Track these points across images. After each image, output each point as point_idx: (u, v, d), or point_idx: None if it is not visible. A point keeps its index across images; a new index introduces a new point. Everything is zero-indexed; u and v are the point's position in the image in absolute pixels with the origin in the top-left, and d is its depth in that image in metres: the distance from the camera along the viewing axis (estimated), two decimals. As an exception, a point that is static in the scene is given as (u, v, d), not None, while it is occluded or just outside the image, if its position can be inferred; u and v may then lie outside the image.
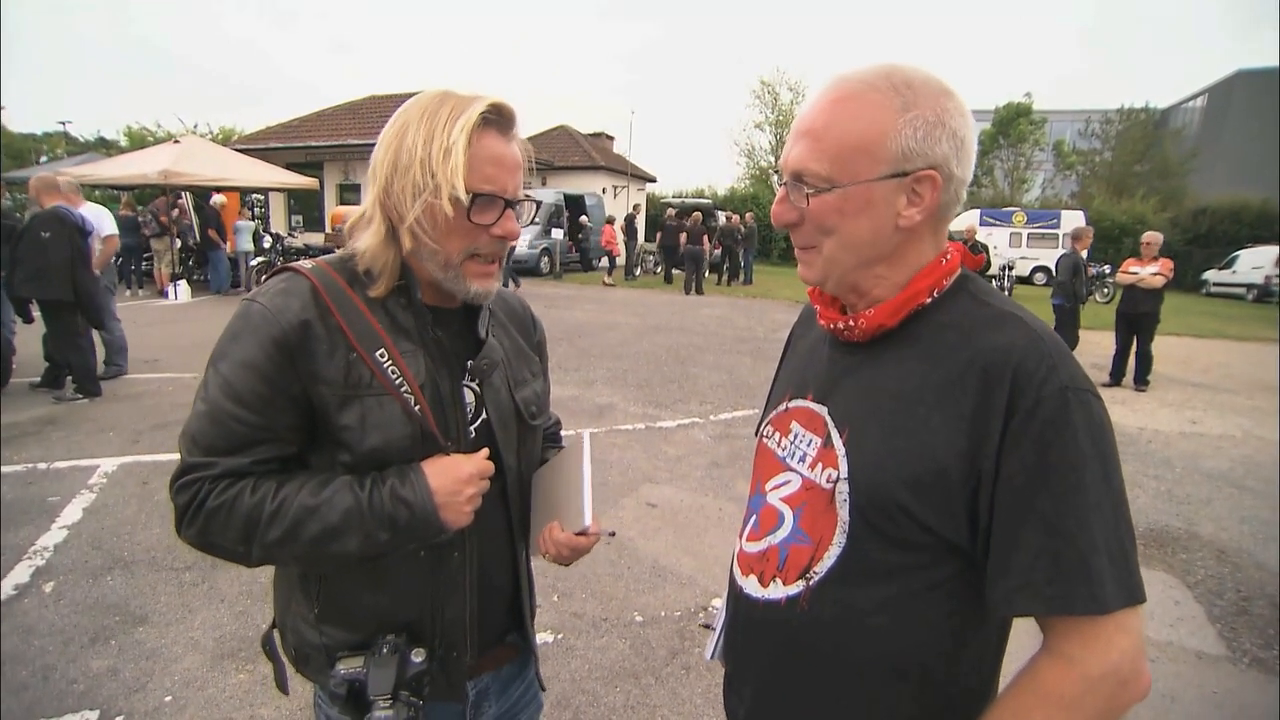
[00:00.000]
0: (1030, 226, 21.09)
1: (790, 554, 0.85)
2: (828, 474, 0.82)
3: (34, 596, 2.84)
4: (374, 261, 0.92)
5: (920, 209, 0.79)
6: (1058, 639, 0.72)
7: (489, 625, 1.03)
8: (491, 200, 0.90)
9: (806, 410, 0.90)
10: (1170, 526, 4.00)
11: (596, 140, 26.58)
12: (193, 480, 0.86)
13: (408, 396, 0.90)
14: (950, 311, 0.81)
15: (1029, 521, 0.70)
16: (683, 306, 13.05)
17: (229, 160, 13.41)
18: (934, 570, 0.78)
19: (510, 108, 0.92)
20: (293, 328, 0.87)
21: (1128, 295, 7.44)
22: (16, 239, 5.34)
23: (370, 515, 0.86)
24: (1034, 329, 0.76)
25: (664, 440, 5.16)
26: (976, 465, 0.73)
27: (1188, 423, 6.30)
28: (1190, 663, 2.73)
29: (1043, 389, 0.70)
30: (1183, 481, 4.76)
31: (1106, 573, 0.68)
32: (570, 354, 8.01)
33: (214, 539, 0.87)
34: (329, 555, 0.88)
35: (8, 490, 3.84)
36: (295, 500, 0.86)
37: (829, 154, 0.78)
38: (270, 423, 0.87)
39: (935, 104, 0.77)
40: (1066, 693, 0.70)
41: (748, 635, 0.92)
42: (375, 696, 0.86)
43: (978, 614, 0.78)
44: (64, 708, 2.22)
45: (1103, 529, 0.69)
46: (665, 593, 3.07)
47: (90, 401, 5.52)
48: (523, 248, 16.98)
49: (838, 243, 0.81)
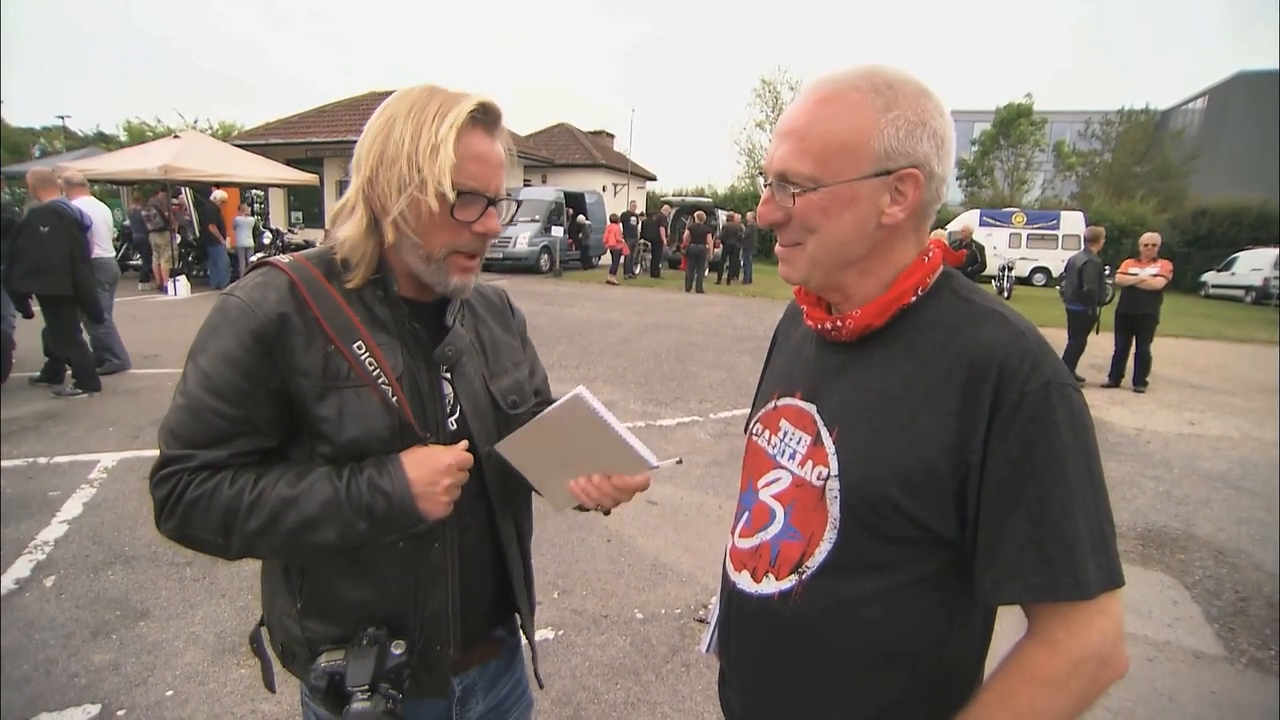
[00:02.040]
0: (1030, 227, 21.11)
1: (782, 549, 0.87)
2: (818, 471, 0.84)
3: (35, 591, 2.85)
4: (353, 251, 0.93)
5: (903, 207, 0.81)
6: (1042, 623, 0.75)
7: (473, 619, 1.03)
8: (475, 198, 0.91)
9: (795, 408, 0.91)
10: (1168, 527, 4.01)
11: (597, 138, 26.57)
12: (171, 473, 0.87)
13: (385, 388, 0.91)
14: (935, 310, 0.84)
15: (1015, 513, 0.73)
16: (683, 305, 13.05)
17: (229, 156, 13.36)
18: (923, 562, 0.80)
19: (497, 106, 0.93)
20: (270, 320, 0.87)
21: (1127, 296, 7.43)
22: (15, 233, 5.32)
23: (348, 506, 0.87)
24: (1017, 326, 0.78)
25: (664, 438, 5.16)
26: (963, 459, 0.75)
27: (1186, 424, 6.32)
28: (1188, 662, 2.74)
29: (1026, 384, 0.73)
30: (1181, 482, 4.77)
31: (1089, 559, 0.71)
32: (570, 352, 8.01)
33: (193, 531, 0.87)
34: (308, 546, 0.88)
35: (8, 485, 3.84)
36: (274, 491, 0.86)
37: (813, 154, 0.79)
38: (248, 415, 0.88)
39: (916, 104, 0.79)
40: (1052, 674, 0.73)
41: (741, 629, 0.94)
42: (353, 688, 0.86)
43: (965, 602, 0.80)
44: (66, 701, 2.23)
45: (1085, 518, 0.72)
46: (665, 590, 3.08)
47: (90, 397, 5.52)
48: (523, 245, 16.99)
49: (821, 241, 0.83)
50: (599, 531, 3.59)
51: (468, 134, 0.89)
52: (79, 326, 5.57)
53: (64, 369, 5.62)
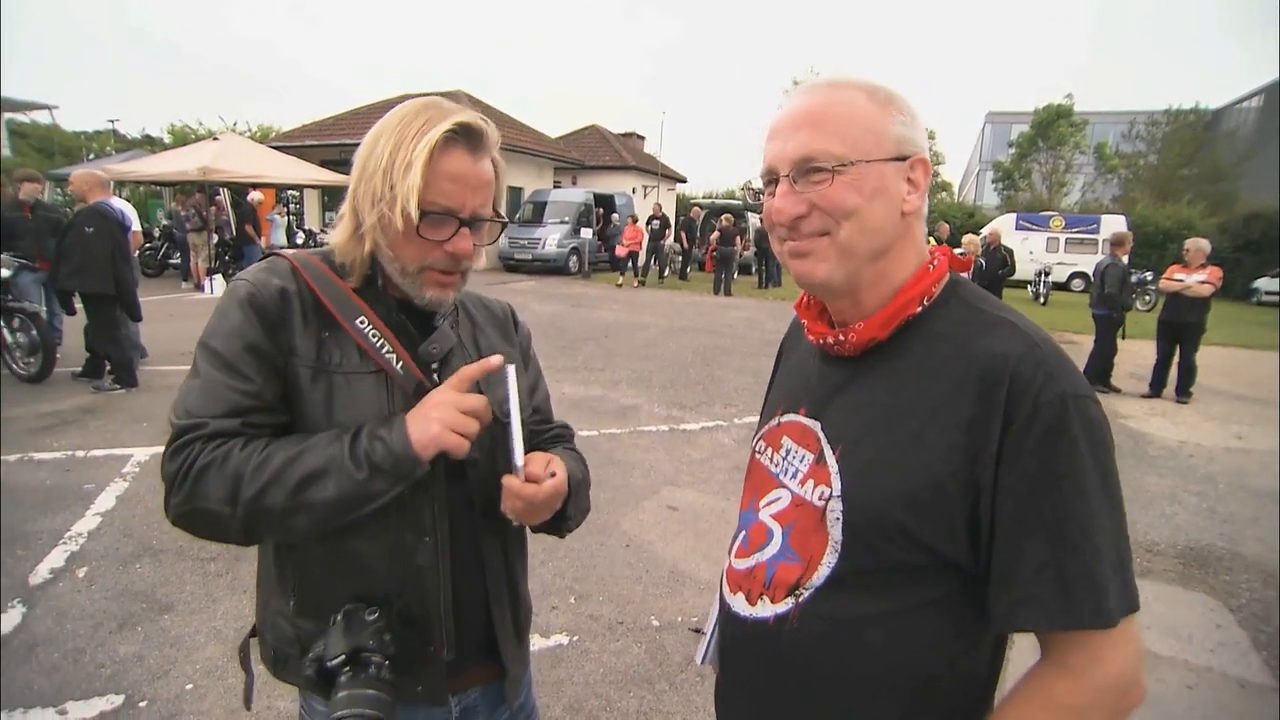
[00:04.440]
0: (1068, 231, 20.53)
1: (778, 571, 0.83)
2: (819, 491, 0.80)
3: (68, 581, 2.93)
4: (345, 256, 0.95)
5: (919, 195, 0.79)
6: (1061, 650, 0.71)
7: (466, 624, 0.99)
8: (444, 218, 0.90)
9: (799, 425, 0.88)
10: (1212, 546, 3.83)
11: (627, 140, 26.58)
12: (185, 443, 0.85)
13: (389, 355, 0.92)
14: (942, 320, 0.79)
15: (1031, 534, 0.69)
16: (711, 308, 12.98)
17: (265, 157, 13.70)
18: (930, 587, 0.76)
19: (481, 126, 0.91)
20: (273, 299, 0.90)
21: (1171, 303, 7.18)
22: (63, 234, 5.52)
23: (348, 457, 0.85)
24: (1029, 335, 0.74)
25: (687, 443, 5.12)
26: (975, 477, 0.71)
27: (1233, 437, 6.05)
28: (1231, 691, 2.60)
29: (1040, 397, 0.69)
30: (1226, 499, 4.57)
31: (1111, 584, 0.67)
32: (596, 354, 8.01)
33: (199, 503, 0.84)
34: (308, 506, 0.85)
35: (47, 476, 3.97)
36: (280, 451, 0.86)
37: (838, 134, 0.76)
38: (259, 390, 0.89)
39: (903, 104, 0.80)
40: (1074, 704, 0.70)
41: (735, 653, 0.91)
42: (332, 661, 0.83)
43: (975, 627, 0.76)
44: (91, 690, 2.28)
45: (1105, 539, 0.68)
46: (683, 598, 3.04)
47: (127, 392, 5.68)
48: (552, 247, 17.08)
49: (857, 226, 0.77)
50: (618, 536, 3.57)
51: (444, 153, 0.88)
52: (118, 323, 5.74)
53: (104, 365, 5.80)
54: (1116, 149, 31.66)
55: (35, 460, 4.21)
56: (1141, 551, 3.67)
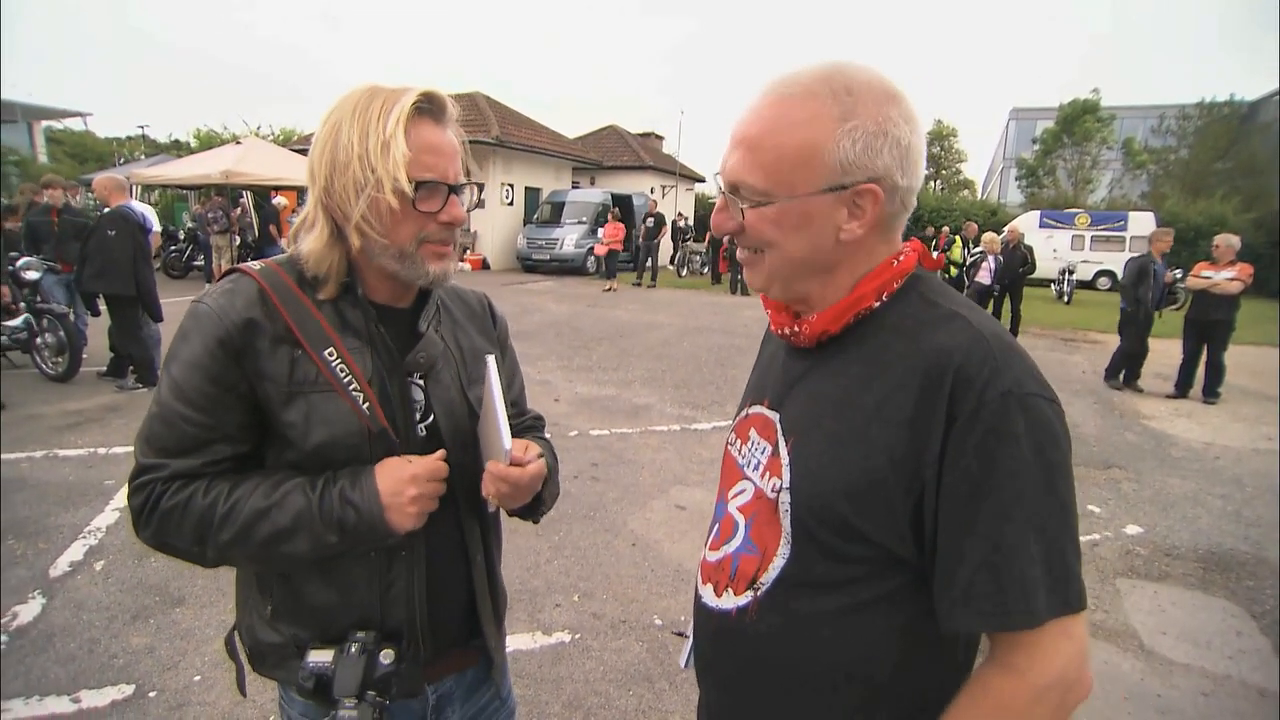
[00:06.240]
0: (1094, 229, 20.07)
1: (740, 564, 0.84)
2: (773, 483, 0.80)
3: (85, 573, 3.01)
4: (319, 265, 0.92)
5: (862, 223, 0.76)
6: (1003, 650, 0.71)
7: (444, 625, 1.01)
8: (435, 187, 0.90)
9: (763, 417, 0.88)
10: (1236, 550, 3.72)
11: (646, 140, 26.55)
12: (146, 482, 0.88)
13: (356, 394, 0.90)
14: (896, 314, 0.78)
15: (971, 533, 0.69)
16: (726, 308, 12.93)
17: (286, 160, 13.90)
18: (880, 582, 0.75)
19: (441, 95, 0.91)
20: (236, 327, 0.88)
21: (1198, 301, 6.99)
22: (86, 237, 5.67)
23: (320, 518, 0.87)
24: (978, 328, 0.72)
25: (698, 443, 5.10)
26: (919, 474, 0.70)
27: (1262, 439, 5.87)
28: (1251, 700, 2.53)
29: (984, 393, 0.67)
30: (1253, 502, 4.43)
31: (1041, 584, 0.67)
32: (610, 354, 8.02)
33: (169, 540, 0.88)
34: (281, 556, 0.88)
35: (71, 472, 4.08)
36: (248, 502, 0.87)
37: (765, 166, 0.75)
38: (218, 422, 0.88)
39: (877, 112, 0.73)
40: (1014, 703, 0.70)
41: (704, 644, 0.91)
42: (340, 696, 0.86)
43: (931, 624, 0.74)
44: (104, 680, 2.34)
45: (1041, 540, 0.67)
46: (687, 597, 3.02)
47: (149, 390, 5.80)
48: (570, 247, 17.10)
49: (779, 256, 0.79)
50: (624, 535, 3.57)
51: (416, 126, 0.88)
52: (140, 324, 5.87)
53: (127, 364, 5.94)
54: (1145, 144, 30.90)
55: (59, 456, 4.32)
56: (1159, 555, 3.58)
